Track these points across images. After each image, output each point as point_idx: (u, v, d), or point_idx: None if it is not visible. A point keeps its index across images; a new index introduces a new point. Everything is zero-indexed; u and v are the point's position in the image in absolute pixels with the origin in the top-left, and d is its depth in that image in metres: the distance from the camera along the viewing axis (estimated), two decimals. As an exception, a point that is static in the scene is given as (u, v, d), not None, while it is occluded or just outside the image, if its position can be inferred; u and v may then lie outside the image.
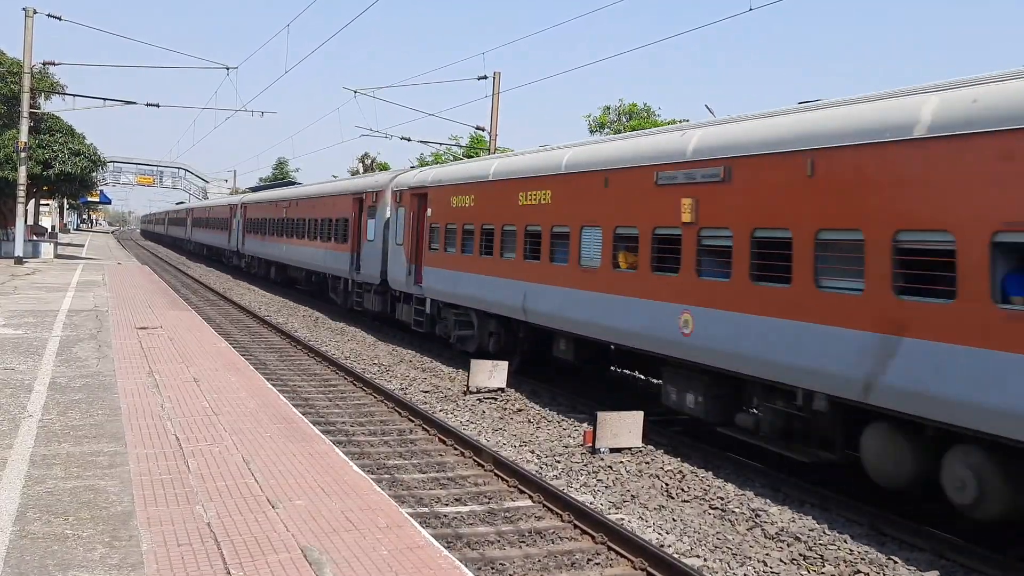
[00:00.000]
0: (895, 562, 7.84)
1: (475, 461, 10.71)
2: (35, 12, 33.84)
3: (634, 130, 36.38)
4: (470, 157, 43.68)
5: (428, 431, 12.21)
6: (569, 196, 14.08)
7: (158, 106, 37.05)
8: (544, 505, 9.06)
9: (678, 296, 11.24)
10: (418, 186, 20.65)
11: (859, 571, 7.65)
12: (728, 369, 10.46)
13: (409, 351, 19.97)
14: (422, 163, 55.67)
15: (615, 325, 12.56)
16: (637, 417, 11.49)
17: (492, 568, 7.40)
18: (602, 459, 10.96)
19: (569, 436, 12.28)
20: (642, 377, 16.74)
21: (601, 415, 11.36)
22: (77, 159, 37.79)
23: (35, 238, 43.66)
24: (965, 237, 7.67)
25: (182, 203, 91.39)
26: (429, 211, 19.88)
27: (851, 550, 8.12)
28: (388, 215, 22.50)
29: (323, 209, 28.87)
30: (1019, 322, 7.20)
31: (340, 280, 26.94)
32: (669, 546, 8.09)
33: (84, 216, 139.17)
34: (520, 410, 13.93)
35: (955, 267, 7.76)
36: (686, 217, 11.15)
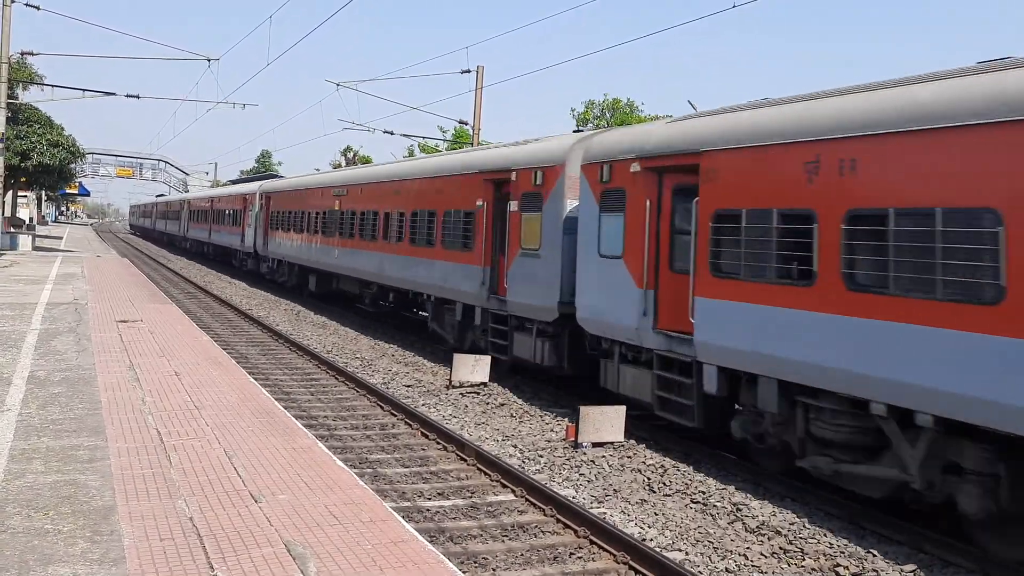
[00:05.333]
0: (874, 555, 7.93)
1: (458, 455, 10.72)
2: (12, 1, 33.40)
3: (620, 124, 36.39)
4: (453, 150, 43.36)
5: (411, 425, 12.21)
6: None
7: (138, 97, 37.11)
8: (527, 499, 9.08)
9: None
10: None
11: (839, 564, 7.74)
12: None
13: (391, 345, 19.93)
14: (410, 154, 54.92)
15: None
16: (619, 412, 11.54)
17: (475, 562, 7.42)
18: (584, 453, 11.00)
19: (551, 431, 12.32)
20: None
21: (583, 410, 11.39)
22: (55, 150, 37.49)
23: (12, 230, 43.21)
24: None
25: (161, 194, 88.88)
26: None
27: (831, 543, 8.21)
28: None
29: None
30: None
31: None
32: (651, 540, 8.15)
33: (63, 208, 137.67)
34: (503, 404, 13.95)
35: None
36: None
